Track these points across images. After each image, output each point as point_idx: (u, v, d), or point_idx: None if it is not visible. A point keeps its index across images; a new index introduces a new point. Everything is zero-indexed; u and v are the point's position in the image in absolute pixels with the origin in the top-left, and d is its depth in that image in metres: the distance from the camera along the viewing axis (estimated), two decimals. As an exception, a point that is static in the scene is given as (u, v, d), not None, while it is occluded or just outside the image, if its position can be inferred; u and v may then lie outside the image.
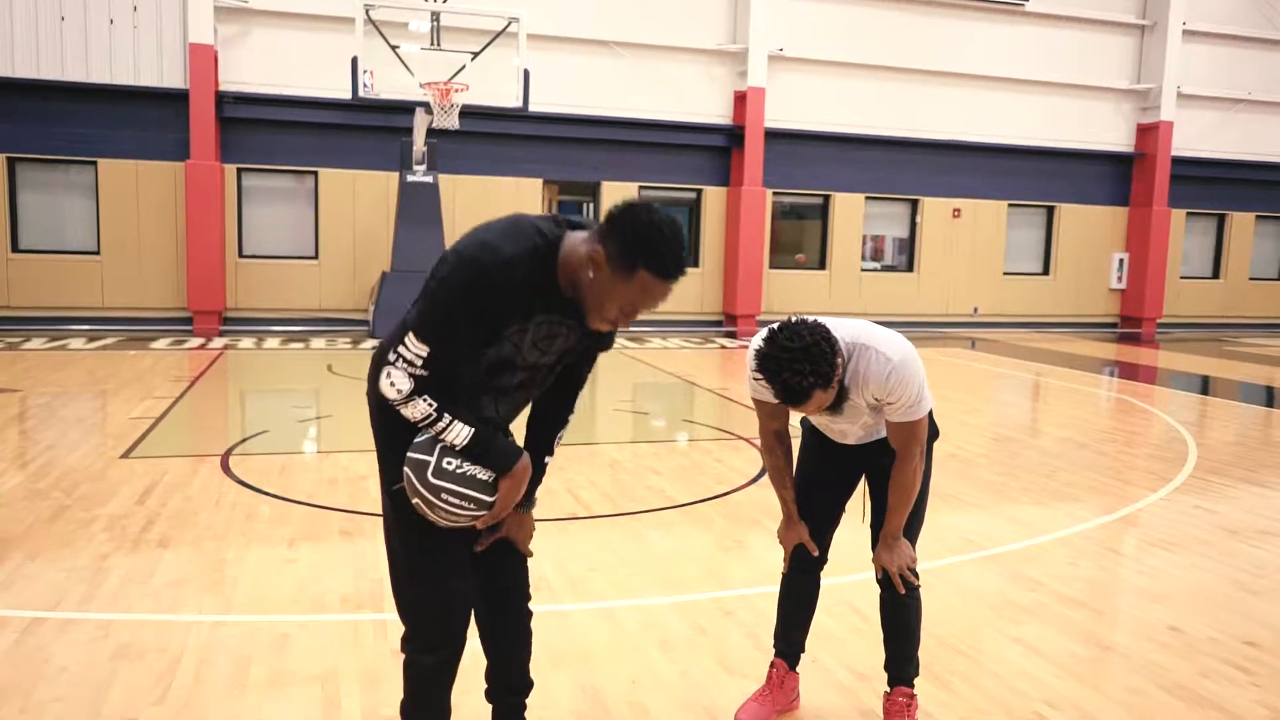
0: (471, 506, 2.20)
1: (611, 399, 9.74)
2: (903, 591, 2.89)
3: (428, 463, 2.17)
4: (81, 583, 4.10)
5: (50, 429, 7.30)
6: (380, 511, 2.46)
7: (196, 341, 13.17)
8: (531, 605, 2.63)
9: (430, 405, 2.13)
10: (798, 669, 3.16)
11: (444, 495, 2.17)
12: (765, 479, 6.24)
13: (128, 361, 11.03)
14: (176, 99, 13.91)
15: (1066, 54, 18.22)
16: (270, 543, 4.73)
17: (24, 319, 13.82)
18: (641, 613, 3.95)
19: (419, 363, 2.10)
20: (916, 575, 2.93)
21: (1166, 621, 3.94)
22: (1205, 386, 12.08)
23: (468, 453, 2.17)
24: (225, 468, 6.19)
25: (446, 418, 2.14)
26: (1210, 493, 6.19)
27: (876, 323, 2.83)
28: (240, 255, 14.72)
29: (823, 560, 3.07)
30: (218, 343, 13.12)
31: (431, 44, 12.67)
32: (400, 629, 2.44)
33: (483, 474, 2.19)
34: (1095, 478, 6.56)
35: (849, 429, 2.89)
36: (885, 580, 2.93)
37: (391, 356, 2.13)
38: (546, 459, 2.48)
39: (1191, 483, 6.43)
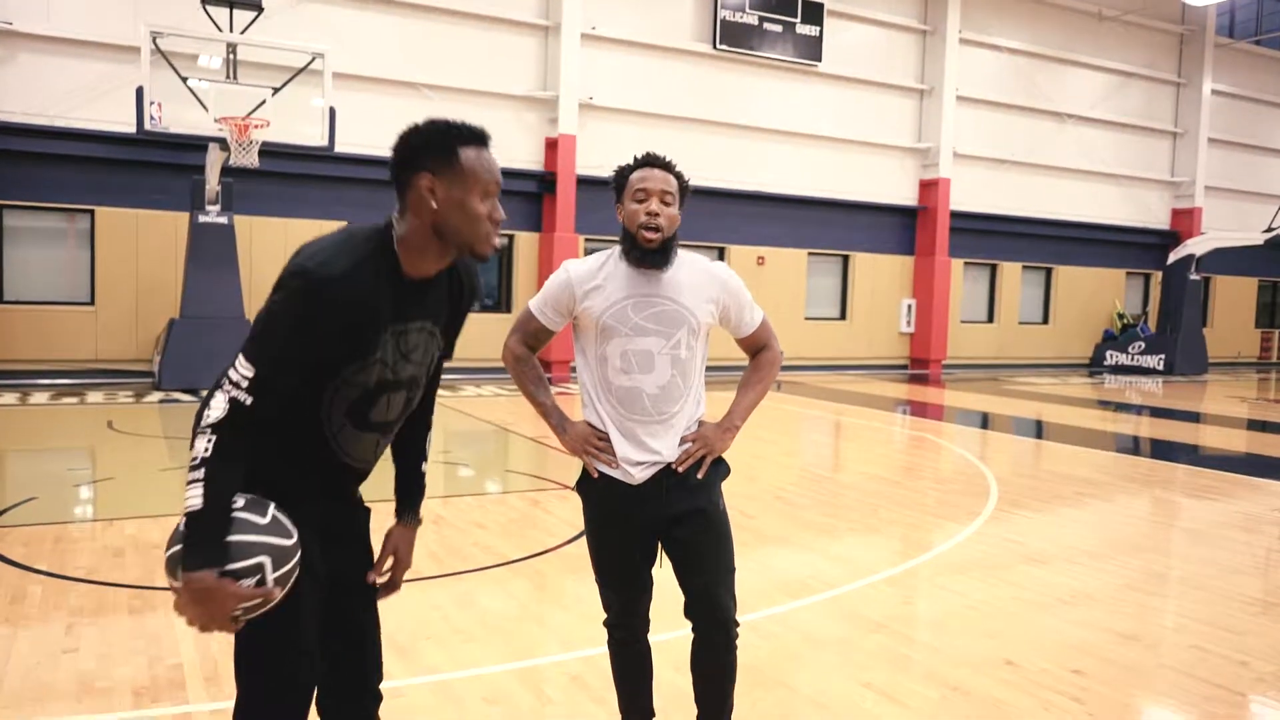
0: (172, 586, 1.92)
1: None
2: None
3: (179, 522, 1.93)
4: None
5: None
6: None
7: (-55, 398, 11.65)
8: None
9: (205, 450, 1.87)
10: None
11: (166, 562, 1.95)
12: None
13: None
14: (-77, 127, 12.41)
15: (857, 113, 19.42)
16: (43, 629, 4.10)
17: None
18: (482, 683, 3.66)
19: (244, 384, 1.89)
20: (737, 624, 2.76)
21: (1001, 655, 4.04)
22: (990, 422, 12.96)
23: (185, 528, 1.88)
24: (-16, 543, 5.38)
25: (202, 472, 1.86)
26: (1014, 524, 6.54)
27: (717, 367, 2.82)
28: (0, 300, 13.20)
29: (646, 623, 2.88)
30: (-28, 399, 11.66)
31: (227, 77, 11.91)
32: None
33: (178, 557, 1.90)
34: (912, 514, 6.80)
35: (654, 350, 2.65)
36: (708, 622, 2.72)
37: (222, 380, 1.92)
38: (423, 465, 2.40)
39: (997, 515, 6.77)
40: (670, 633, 3.35)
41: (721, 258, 18.46)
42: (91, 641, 3.97)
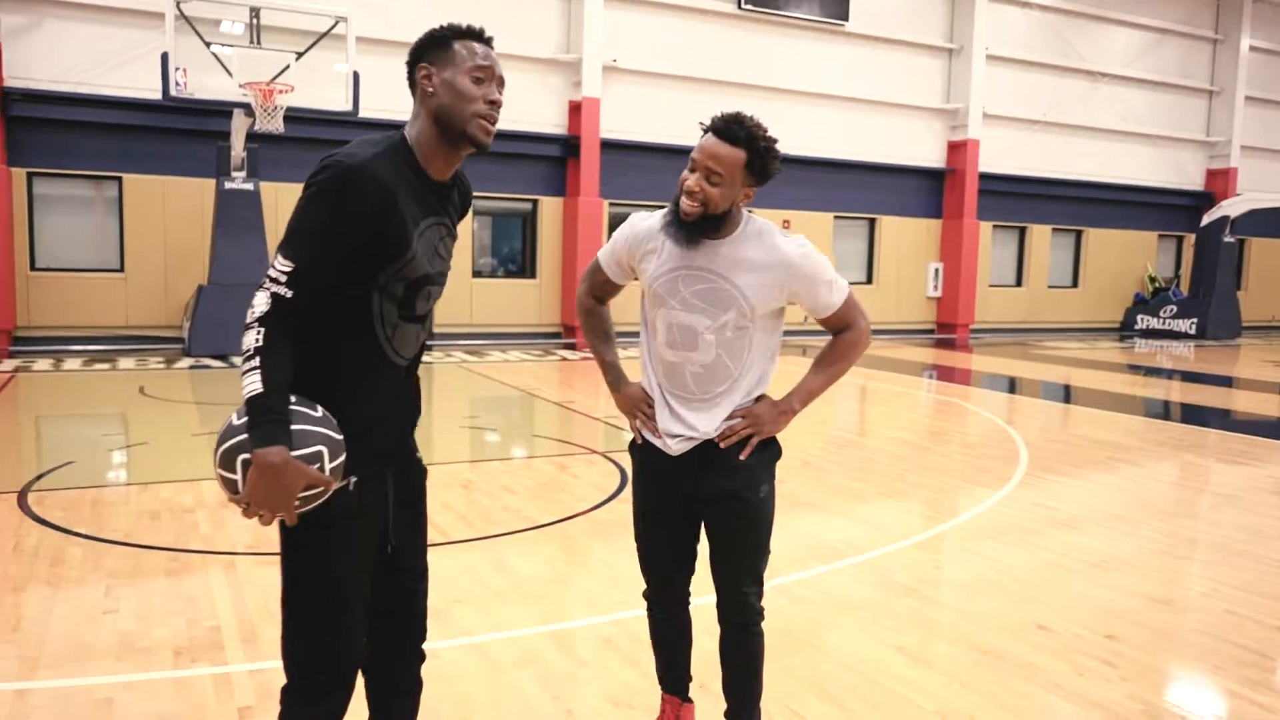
0: (225, 480, 1.97)
1: (455, 416, 9.36)
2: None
3: (229, 418, 2.00)
4: None
5: None
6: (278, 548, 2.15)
7: (-19, 364, 11.83)
8: None
9: (256, 341, 1.93)
10: (690, 698, 2.98)
11: (216, 456, 1.98)
12: (627, 492, 6.09)
13: (-103, 388, 9.76)
14: (-48, 94, 12.49)
15: (885, 73, 19.13)
16: (84, 591, 4.17)
17: None
18: (516, 646, 3.69)
19: (283, 279, 1.95)
20: (761, 614, 2.64)
21: (1033, 619, 4.02)
22: (1019, 387, 12.85)
23: (246, 414, 1.94)
24: (23, 506, 5.47)
25: (256, 360, 1.92)
26: (1045, 488, 6.49)
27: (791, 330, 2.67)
28: (32, 268, 13.34)
29: (684, 599, 2.80)
30: (6, 365, 11.82)
31: (251, 42, 11.88)
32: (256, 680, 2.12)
33: (246, 448, 1.93)
34: (942, 479, 6.77)
35: (699, 328, 2.48)
36: (728, 613, 2.64)
37: (263, 280, 1.99)
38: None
39: (1027, 480, 6.73)
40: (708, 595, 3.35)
41: (747, 222, 18.33)
42: (130, 603, 4.04)
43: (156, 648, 3.59)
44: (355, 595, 2.16)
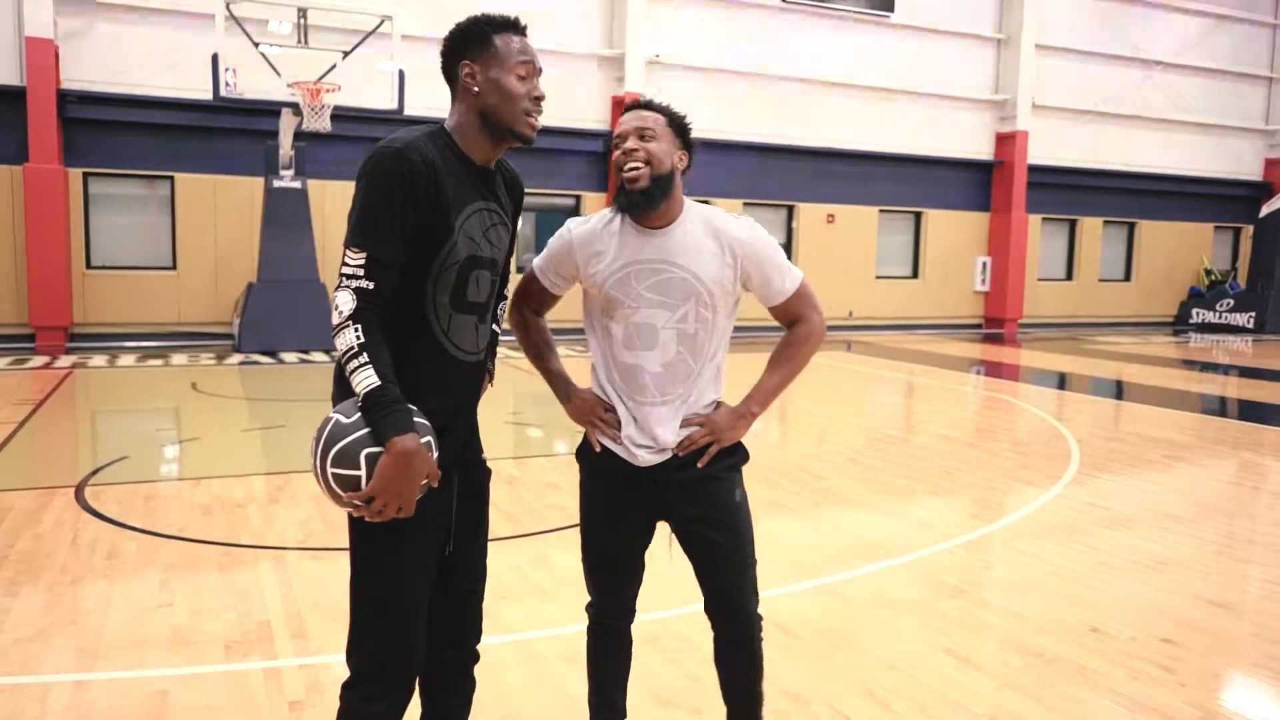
0: (345, 478, 1.95)
1: (499, 411, 9.40)
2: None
3: (331, 419, 1.99)
4: (-88, 643, 3.57)
5: None
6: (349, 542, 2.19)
7: (40, 360, 12.12)
8: None
9: (357, 338, 1.95)
10: None
11: (328, 457, 1.96)
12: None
13: (-40, 384, 10.03)
14: (12, 97, 12.79)
15: (930, 65, 18.87)
16: (138, 584, 4.26)
17: None
18: (560, 643, 3.70)
19: (360, 272, 1.99)
20: (760, 618, 2.55)
21: (1087, 623, 3.95)
22: (1069, 383, 12.62)
23: (364, 408, 1.95)
24: (80, 500, 5.60)
25: (364, 357, 1.94)
26: (1097, 487, 6.37)
27: (753, 327, 2.59)
28: (88, 266, 13.66)
29: (629, 613, 2.69)
30: (64, 361, 12.11)
31: (299, 42, 12.04)
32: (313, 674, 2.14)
33: (370, 444, 1.94)
34: (991, 477, 6.66)
35: (658, 324, 2.39)
36: (731, 629, 2.54)
37: (339, 280, 2.02)
38: (497, 331, 2.49)
39: (1080, 478, 6.60)
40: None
41: (790, 216, 18.23)
42: (184, 596, 4.11)
43: (209, 641, 3.65)
44: (422, 596, 2.18)
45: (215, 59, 11.31)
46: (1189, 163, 21.72)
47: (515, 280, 2.57)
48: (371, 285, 1.98)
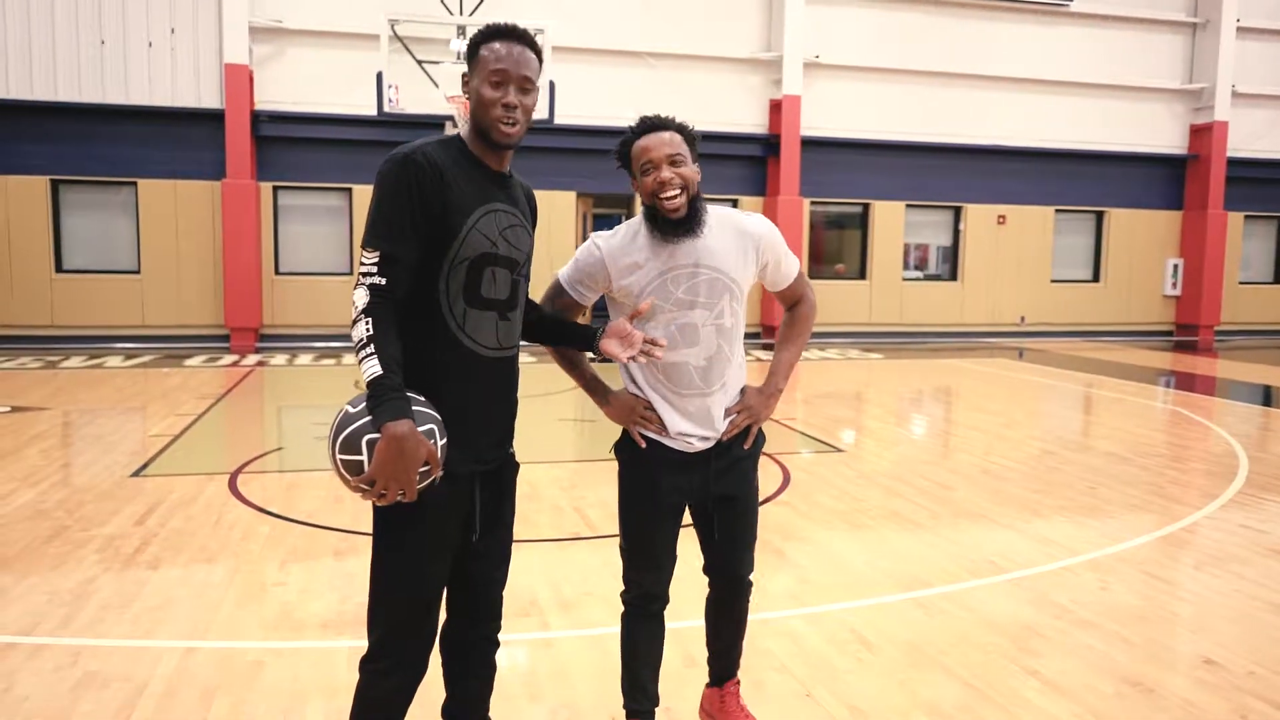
0: (350, 463, 2.07)
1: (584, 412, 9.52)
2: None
3: (343, 409, 2.14)
4: (62, 606, 4.01)
5: (68, 447, 7.31)
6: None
7: (230, 359, 13.25)
8: (518, 631, 2.50)
9: (366, 330, 2.09)
10: None
11: (336, 444, 2.10)
12: (783, 496, 5.99)
13: (159, 379, 11.10)
14: (213, 119, 14.07)
15: (1114, 54, 17.70)
16: (261, 564, 4.60)
17: (66, 338, 14.05)
18: (632, 641, 3.73)
19: (374, 269, 2.12)
20: (751, 582, 2.88)
21: (1202, 654, 3.62)
22: (1268, 397, 11.51)
23: (367, 396, 2.09)
24: (233, 486, 6.10)
25: (371, 348, 2.08)
26: (1260, 510, 5.80)
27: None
28: (276, 272, 14.82)
29: (666, 597, 2.83)
30: (251, 359, 13.19)
31: (458, 59, 12.64)
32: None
33: (371, 430, 2.05)
34: (1137, 494, 6.20)
35: (699, 323, 2.57)
36: (727, 587, 2.86)
37: (356, 279, 2.16)
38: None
39: (1240, 499, 6.04)
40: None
41: (957, 218, 17.55)
42: (298, 577, 4.42)
43: (308, 620, 3.91)
44: (437, 580, 2.30)
45: (380, 76, 12.04)
46: None
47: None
48: (384, 282, 2.11)
